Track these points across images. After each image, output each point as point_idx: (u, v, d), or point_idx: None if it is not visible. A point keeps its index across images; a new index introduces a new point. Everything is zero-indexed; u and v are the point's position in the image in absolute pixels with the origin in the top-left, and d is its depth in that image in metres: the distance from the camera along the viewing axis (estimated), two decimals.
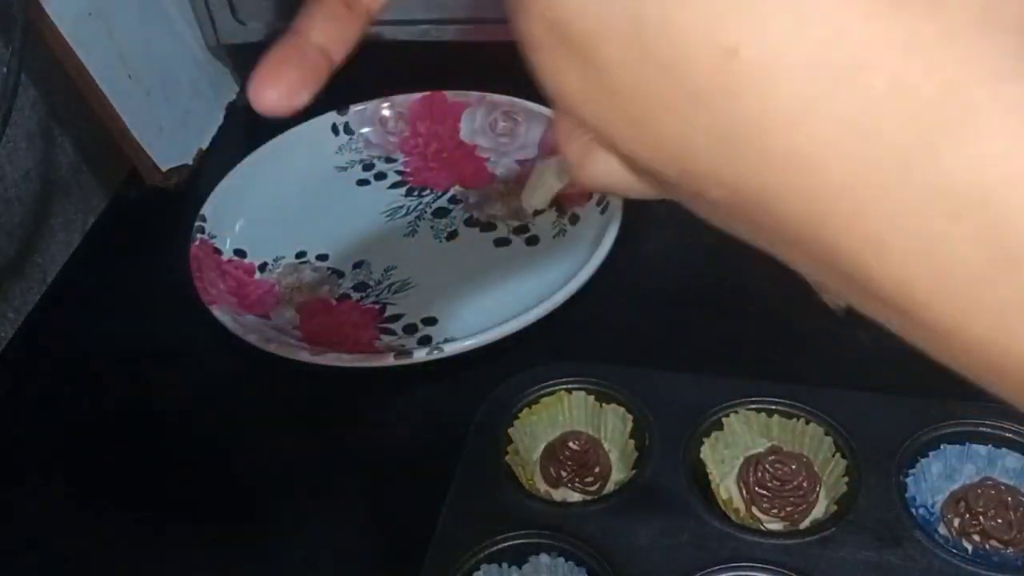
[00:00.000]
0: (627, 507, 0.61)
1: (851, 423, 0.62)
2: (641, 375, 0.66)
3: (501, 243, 0.81)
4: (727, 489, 0.62)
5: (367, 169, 0.89)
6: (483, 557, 0.58)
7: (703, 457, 0.62)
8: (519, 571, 0.58)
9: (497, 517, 0.60)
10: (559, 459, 0.63)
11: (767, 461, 0.61)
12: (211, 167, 0.89)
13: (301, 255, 0.82)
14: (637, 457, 0.63)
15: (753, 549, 0.58)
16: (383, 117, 0.90)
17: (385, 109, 0.90)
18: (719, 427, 0.63)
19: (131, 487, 0.69)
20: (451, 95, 0.90)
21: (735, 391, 0.64)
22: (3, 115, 0.63)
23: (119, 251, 0.85)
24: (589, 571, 0.58)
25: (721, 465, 0.63)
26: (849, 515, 0.59)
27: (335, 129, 0.90)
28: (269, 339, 0.72)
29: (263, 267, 0.81)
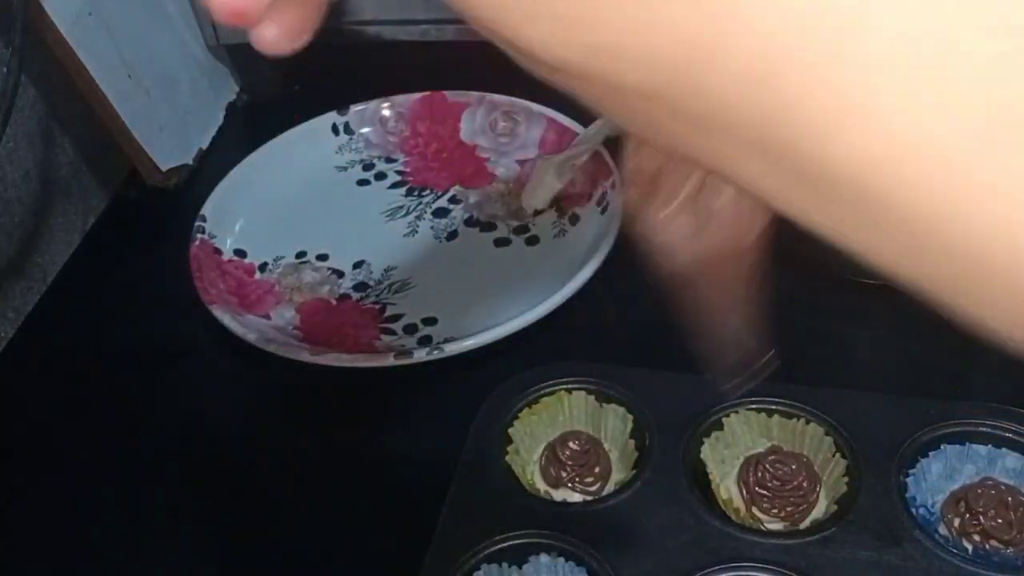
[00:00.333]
0: (627, 507, 0.61)
1: (851, 423, 0.62)
2: (641, 375, 0.66)
3: (501, 243, 0.81)
4: (727, 489, 0.62)
5: (367, 169, 0.89)
6: (483, 557, 0.58)
7: (703, 457, 0.62)
8: (519, 571, 0.58)
9: (497, 517, 0.60)
10: (559, 459, 0.63)
11: (767, 461, 0.61)
12: (211, 167, 0.89)
13: (301, 255, 0.82)
14: (637, 457, 0.63)
15: (753, 549, 0.58)
16: (383, 117, 0.90)
17: (385, 109, 0.90)
18: (719, 427, 0.63)
19: (131, 487, 0.69)
20: (451, 95, 0.90)
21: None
22: (3, 115, 0.63)
23: (119, 251, 0.85)
24: (589, 571, 0.58)
25: (721, 465, 0.63)
26: (849, 515, 0.59)
27: (335, 129, 0.90)
28: (269, 339, 0.72)
29: (263, 267, 0.81)
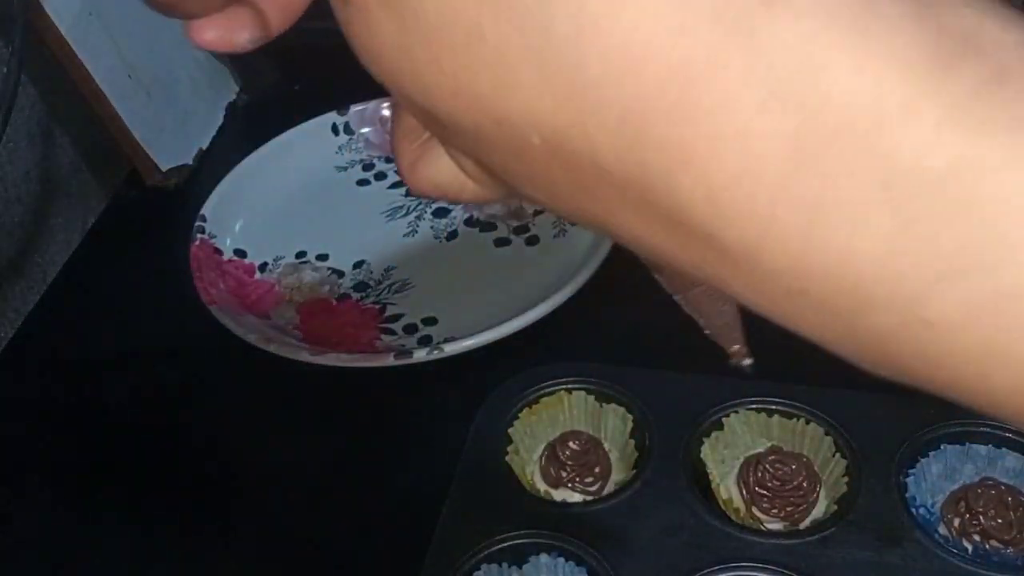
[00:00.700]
0: (627, 507, 0.61)
1: (851, 423, 0.62)
2: (641, 375, 0.66)
3: (501, 243, 0.81)
4: (727, 489, 0.62)
5: (367, 169, 0.89)
6: (483, 557, 0.58)
7: (703, 457, 0.62)
8: (519, 571, 0.58)
9: (497, 517, 0.60)
10: (559, 459, 0.63)
11: (767, 461, 0.61)
12: (211, 167, 0.89)
13: (301, 255, 0.82)
14: (637, 457, 0.63)
15: (753, 549, 0.58)
16: (383, 117, 0.90)
17: (385, 109, 0.90)
18: (719, 427, 0.63)
19: (131, 487, 0.69)
20: None
21: (735, 391, 0.64)
22: (3, 115, 0.63)
23: (119, 251, 0.85)
24: (589, 571, 0.58)
25: (721, 465, 0.63)
26: (849, 515, 0.59)
27: (335, 129, 0.90)
28: (269, 339, 0.72)
29: (263, 267, 0.81)
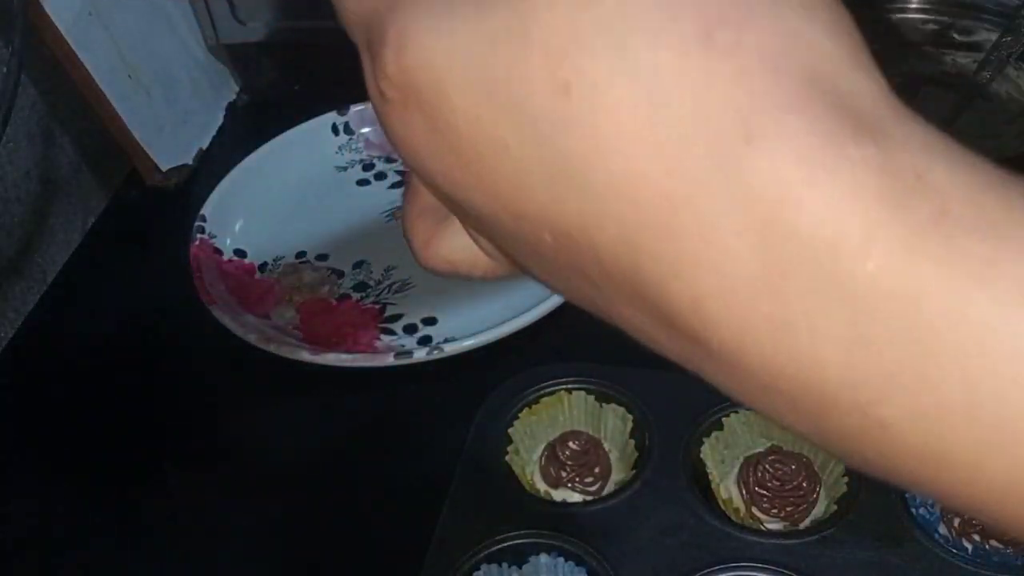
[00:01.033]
0: (627, 507, 0.61)
1: None
2: (641, 375, 0.66)
3: None
4: (727, 489, 0.62)
5: (367, 169, 0.89)
6: (483, 557, 0.58)
7: (703, 457, 0.62)
8: (519, 571, 0.58)
9: (497, 517, 0.60)
10: (559, 459, 0.63)
11: (767, 461, 0.61)
12: (211, 167, 0.89)
13: (301, 255, 0.82)
14: (637, 457, 0.63)
15: (753, 549, 0.58)
16: None
17: None
18: (719, 427, 0.63)
19: (131, 486, 0.69)
20: None
21: None
22: (3, 115, 0.63)
23: (119, 251, 0.85)
24: (589, 571, 0.58)
25: (721, 465, 0.63)
26: (849, 515, 0.59)
27: (335, 129, 0.90)
28: (269, 339, 0.72)
29: (263, 267, 0.81)
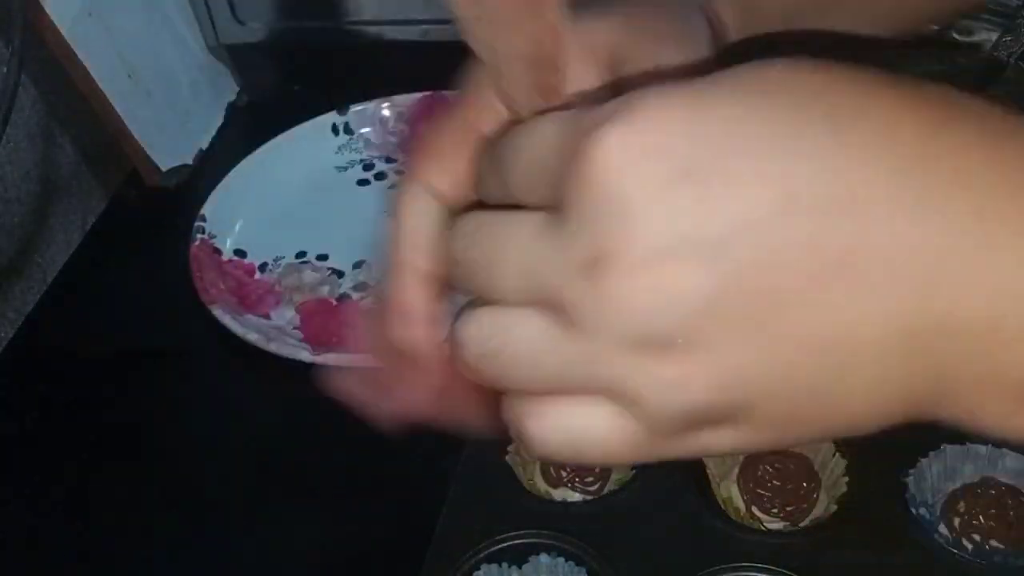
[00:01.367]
0: (627, 507, 0.61)
1: None
2: None
3: None
4: (727, 488, 0.62)
5: (367, 169, 0.89)
6: (483, 557, 0.58)
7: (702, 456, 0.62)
8: (519, 571, 0.58)
9: (497, 517, 0.60)
10: None
11: (767, 461, 0.61)
12: (211, 167, 0.89)
13: (301, 255, 0.82)
14: None
15: (753, 549, 0.58)
16: (383, 117, 0.90)
17: (385, 109, 0.90)
18: None
19: (131, 486, 0.69)
20: (451, 95, 0.89)
21: None
22: (3, 115, 0.63)
23: (119, 251, 0.85)
24: (589, 571, 0.58)
25: (721, 465, 0.63)
26: (849, 515, 0.59)
27: (335, 129, 0.90)
28: (269, 339, 0.72)
29: (263, 267, 0.81)
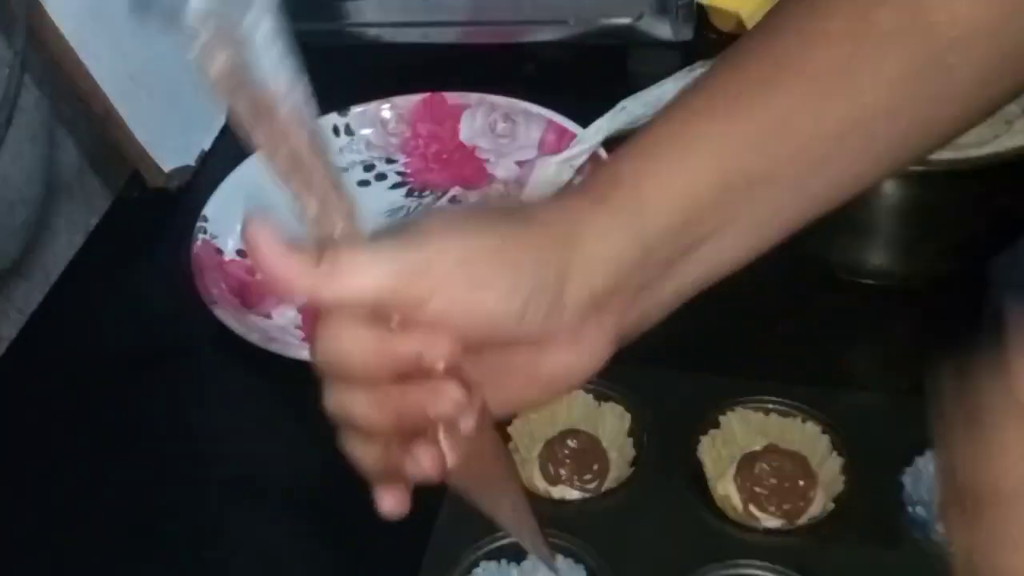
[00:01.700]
0: (625, 505, 0.61)
1: (848, 421, 0.62)
2: (640, 374, 0.66)
3: None
4: (724, 487, 0.62)
5: (368, 170, 0.89)
6: (482, 554, 0.59)
7: (700, 455, 0.63)
8: (518, 568, 0.59)
9: None
10: (558, 457, 0.63)
11: (764, 459, 0.61)
12: (213, 168, 0.89)
13: None
14: (635, 455, 0.64)
15: (750, 547, 0.58)
16: (383, 118, 0.91)
17: (385, 110, 0.91)
18: (716, 425, 0.64)
19: (132, 486, 0.69)
20: (451, 97, 0.90)
21: (732, 390, 0.64)
22: (6, 117, 0.64)
23: (122, 252, 0.86)
24: (588, 569, 0.58)
25: (719, 463, 0.63)
26: (846, 513, 0.59)
27: (336, 130, 0.90)
28: (271, 339, 0.73)
29: None
